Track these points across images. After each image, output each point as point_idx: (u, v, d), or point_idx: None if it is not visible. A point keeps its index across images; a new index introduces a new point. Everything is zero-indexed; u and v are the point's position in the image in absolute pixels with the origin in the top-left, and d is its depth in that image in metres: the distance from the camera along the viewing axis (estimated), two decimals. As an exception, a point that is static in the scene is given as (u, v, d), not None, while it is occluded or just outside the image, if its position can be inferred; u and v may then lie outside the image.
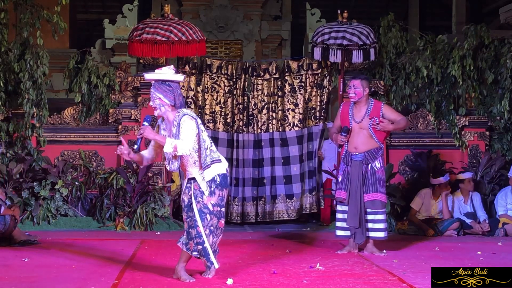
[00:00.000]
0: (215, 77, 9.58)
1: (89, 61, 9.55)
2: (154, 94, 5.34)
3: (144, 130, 5.27)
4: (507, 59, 9.33)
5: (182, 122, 5.30)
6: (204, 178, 5.35)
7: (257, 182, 9.54)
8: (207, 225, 5.33)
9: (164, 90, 5.34)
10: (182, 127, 5.28)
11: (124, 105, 9.48)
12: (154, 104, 5.36)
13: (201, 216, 5.33)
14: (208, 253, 5.34)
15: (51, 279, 5.43)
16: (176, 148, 5.22)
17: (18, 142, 9.08)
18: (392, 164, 9.34)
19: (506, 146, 9.73)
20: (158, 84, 5.37)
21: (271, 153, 9.58)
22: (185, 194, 5.47)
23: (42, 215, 8.74)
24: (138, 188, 8.83)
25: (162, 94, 5.32)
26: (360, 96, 6.89)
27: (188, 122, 5.29)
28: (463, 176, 8.92)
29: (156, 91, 5.34)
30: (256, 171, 9.54)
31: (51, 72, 10.52)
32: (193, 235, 5.33)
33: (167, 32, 8.94)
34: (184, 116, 5.31)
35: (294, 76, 9.61)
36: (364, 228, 6.84)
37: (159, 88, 5.34)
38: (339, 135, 6.96)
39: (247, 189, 9.49)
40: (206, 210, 5.33)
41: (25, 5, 8.97)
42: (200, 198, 5.35)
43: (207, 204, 5.34)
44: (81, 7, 18.14)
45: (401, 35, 10.02)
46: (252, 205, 9.48)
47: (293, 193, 9.54)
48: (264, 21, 15.66)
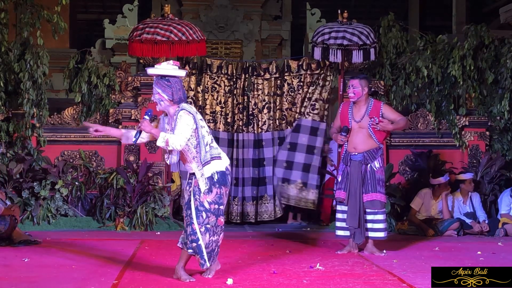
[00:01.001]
0: (215, 77, 9.58)
1: (89, 61, 9.54)
2: (154, 89, 5.42)
3: (142, 123, 5.35)
4: (507, 59, 9.33)
5: (179, 117, 5.34)
6: (203, 174, 5.37)
7: (257, 181, 9.54)
8: (202, 222, 5.32)
9: (162, 85, 5.39)
10: (178, 122, 5.33)
11: (124, 105, 9.48)
12: (155, 99, 5.44)
13: (197, 214, 5.34)
14: (202, 251, 5.33)
15: (51, 279, 5.43)
16: (168, 142, 5.26)
17: (18, 142, 9.08)
18: (392, 164, 9.35)
19: (506, 146, 9.73)
20: (157, 79, 5.44)
21: (272, 153, 9.58)
22: (186, 191, 5.50)
23: (42, 215, 8.74)
24: (138, 188, 8.83)
25: (161, 89, 5.39)
26: (359, 96, 6.89)
27: (184, 117, 5.32)
28: (463, 176, 8.92)
29: (156, 86, 5.41)
30: (256, 171, 9.53)
31: (51, 72, 10.52)
32: (189, 232, 5.35)
33: (167, 32, 8.94)
34: (181, 111, 5.35)
35: (294, 76, 9.62)
36: (364, 228, 6.84)
37: (158, 83, 5.41)
38: (339, 135, 6.97)
39: (247, 189, 9.48)
40: (201, 207, 5.34)
41: (25, 5, 8.97)
42: (197, 196, 5.37)
43: (203, 202, 5.34)
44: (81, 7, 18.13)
45: (401, 35, 10.02)
46: (252, 204, 9.48)
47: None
48: (264, 21, 15.66)
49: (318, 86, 9.56)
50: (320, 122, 9.54)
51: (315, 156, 9.48)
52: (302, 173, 9.46)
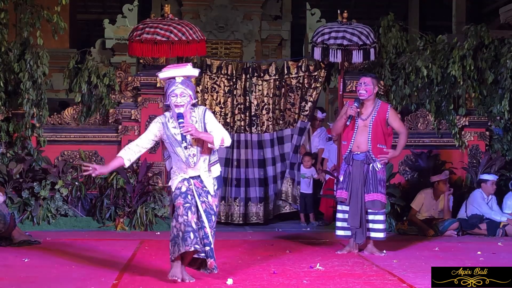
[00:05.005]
0: (215, 77, 9.58)
1: (89, 61, 9.53)
2: (185, 91, 5.23)
3: (192, 128, 5.16)
4: (507, 59, 9.32)
5: (208, 116, 5.29)
6: (210, 175, 5.35)
7: (263, 182, 9.55)
8: (212, 226, 5.32)
9: (192, 87, 5.31)
10: (212, 120, 5.28)
11: (124, 105, 9.47)
12: (183, 102, 5.23)
13: (208, 217, 5.30)
14: (214, 255, 5.32)
15: (51, 279, 5.44)
16: (223, 140, 5.21)
17: (18, 142, 9.07)
18: (392, 164, 9.33)
19: (506, 146, 9.73)
20: (188, 81, 5.30)
21: (272, 153, 9.60)
22: (183, 183, 5.34)
23: (42, 215, 8.74)
24: (138, 188, 8.83)
25: (192, 91, 5.28)
26: (370, 94, 6.88)
27: (212, 115, 5.33)
28: (487, 177, 8.94)
29: (188, 87, 5.26)
30: (261, 172, 9.56)
31: (51, 72, 10.50)
32: (201, 235, 5.27)
33: (167, 32, 8.94)
34: (206, 110, 5.32)
35: (293, 77, 9.62)
36: (365, 228, 6.84)
37: (189, 85, 5.28)
38: (350, 104, 6.85)
39: (252, 190, 9.48)
40: (212, 211, 5.33)
41: (25, 5, 8.96)
42: (205, 198, 5.32)
43: (213, 205, 5.34)
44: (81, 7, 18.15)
45: (401, 35, 10.01)
46: (256, 205, 9.46)
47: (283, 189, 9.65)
48: (264, 21, 15.68)
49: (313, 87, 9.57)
50: (308, 122, 9.65)
51: (298, 155, 9.62)
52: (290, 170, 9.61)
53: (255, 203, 9.45)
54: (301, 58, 9.95)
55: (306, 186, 9.61)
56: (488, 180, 8.88)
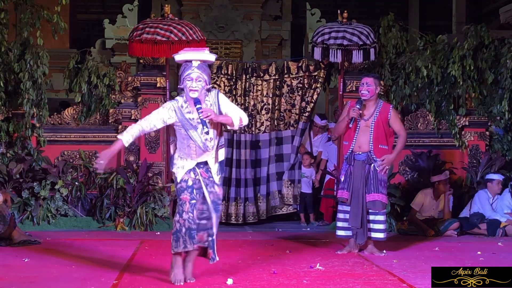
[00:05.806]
0: (215, 77, 9.57)
1: (89, 61, 9.53)
2: (201, 75, 5.16)
3: (211, 113, 5.12)
4: (507, 59, 9.33)
5: (222, 98, 5.28)
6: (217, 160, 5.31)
7: (256, 182, 9.55)
8: (218, 216, 5.36)
9: (208, 72, 5.26)
10: (226, 101, 5.27)
11: (124, 105, 9.48)
12: (198, 87, 5.16)
13: (216, 208, 5.30)
14: (215, 246, 5.33)
15: (51, 279, 5.44)
16: (241, 120, 5.22)
17: (18, 142, 9.07)
18: (392, 164, 9.33)
19: (506, 146, 9.73)
20: (204, 66, 5.24)
21: (268, 153, 9.60)
22: (189, 175, 5.29)
23: (42, 215, 8.74)
24: (138, 188, 8.83)
25: (208, 77, 5.23)
26: (372, 94, 6.87)
27: (225, 96, 5.32)
28: (493, 176, 8.94)
29: (204, 72, 5.19)
30: (253, 172, 9.56)
31: (51, 72, 10.51)
32: (208, 226, 5.28)
33: (167, 32, 8.94)
34: (219, 93, 5.31)
35: (293, 77, 9.62)
36: (366, 229, 6.84)
37: (205, 70, 5.23)
38: (352, 105, 6.86)
39: (249, 190, 9.49)
40: (219, 201, 5.36)
41: (25, 5, 8.97)
42: (212, 189, 5.31)
43: (220, 195, 5.35)
44: (81, 7, 18.16)
45: (401, 35, 10.01)
46: (253, 205, 9.47)
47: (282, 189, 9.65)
48: (264, 21, 15.68)
49: (313, 88, 9.57)
50: (308, 123, 9.68)
51: (298, 155, 9.66)
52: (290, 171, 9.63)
53: (252, 202, 9.47)
54: (301, 58, 9.96)
55: (306, 186, 9.61)
56: (494, 179, 8.88)
